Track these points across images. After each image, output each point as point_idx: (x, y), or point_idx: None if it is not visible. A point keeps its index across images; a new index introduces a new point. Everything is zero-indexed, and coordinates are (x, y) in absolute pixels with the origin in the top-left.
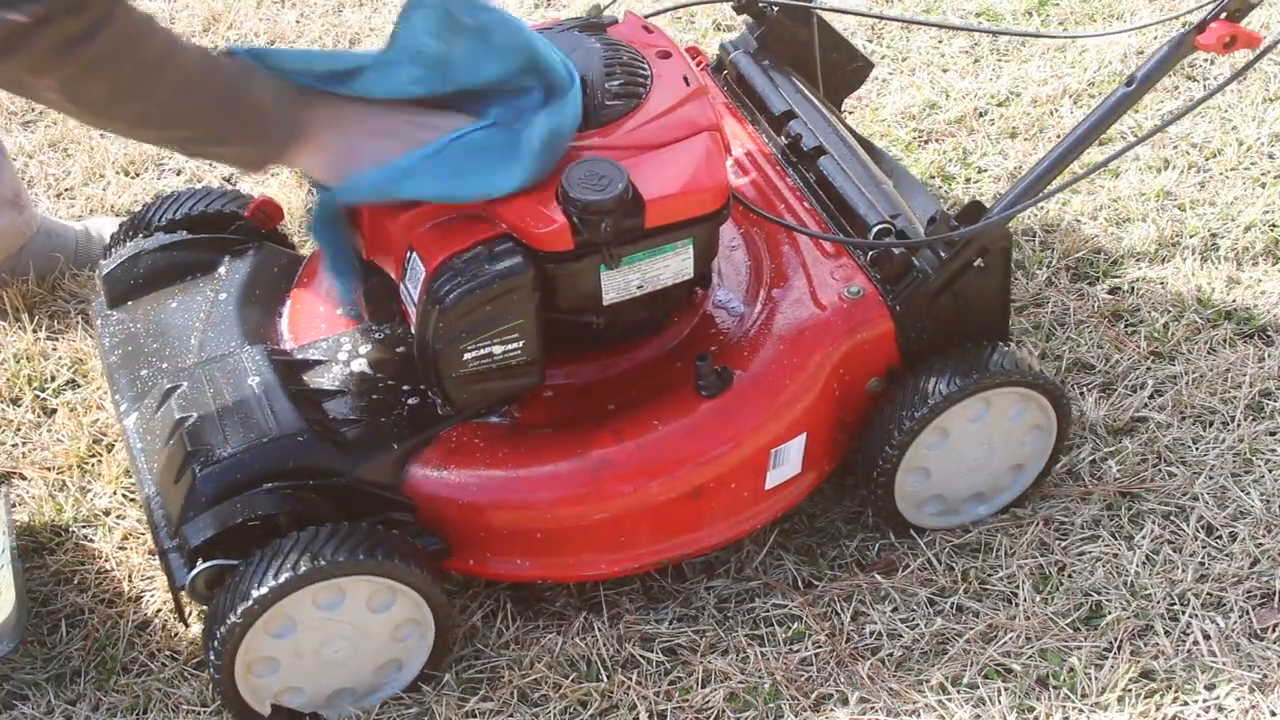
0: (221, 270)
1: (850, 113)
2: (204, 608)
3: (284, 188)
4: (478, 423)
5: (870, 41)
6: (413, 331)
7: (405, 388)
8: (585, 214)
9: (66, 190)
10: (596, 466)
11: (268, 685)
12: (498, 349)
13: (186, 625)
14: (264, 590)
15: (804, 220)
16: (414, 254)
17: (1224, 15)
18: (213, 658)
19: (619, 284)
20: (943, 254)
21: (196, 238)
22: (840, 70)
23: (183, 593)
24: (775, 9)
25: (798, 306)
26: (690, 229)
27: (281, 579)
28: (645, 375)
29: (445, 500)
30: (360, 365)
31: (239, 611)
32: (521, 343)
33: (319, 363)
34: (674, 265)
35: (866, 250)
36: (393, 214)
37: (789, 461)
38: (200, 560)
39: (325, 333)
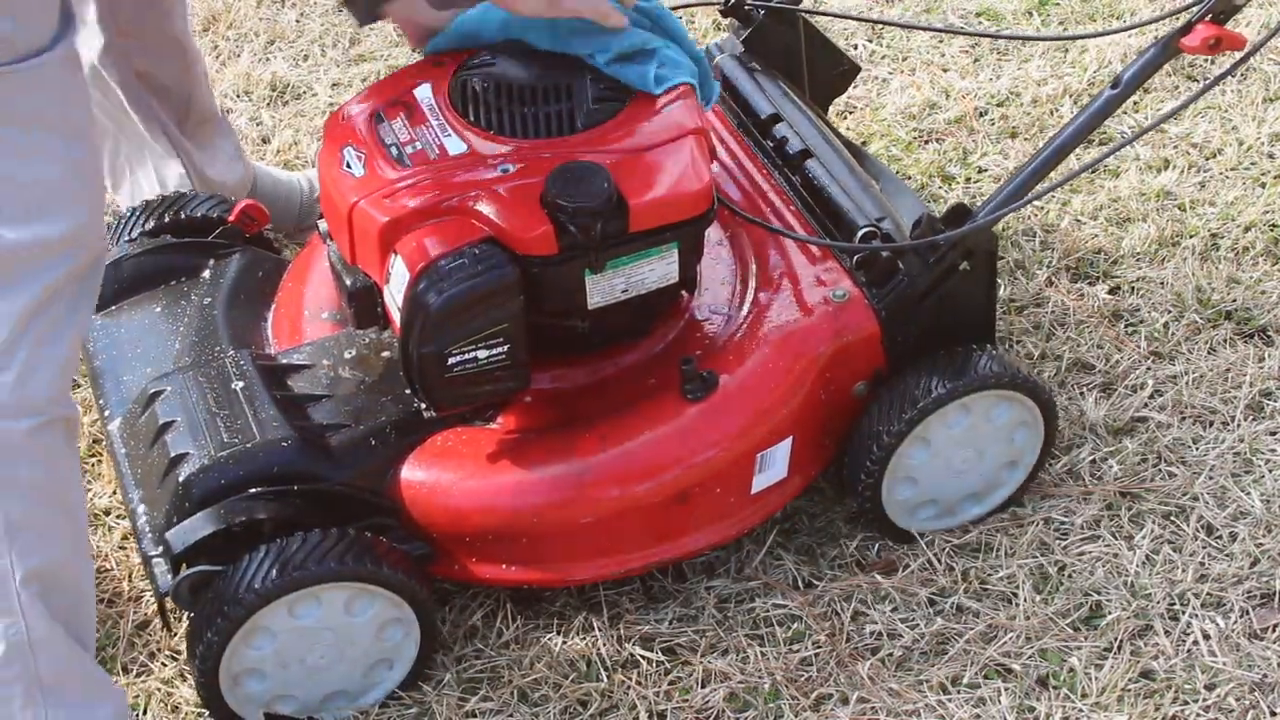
0: (206, 275)
1: (851, 112)
2: (190, 614)
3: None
4: (463, 427)
5: (870, 40)
6: (397, 336)
7: (390, 392)
8: (569, 218)
9: None
10: (582, 471)
11: (257, 695)
12: (482, 353)
13: (171, 634)
14: (235, 607)
15: (790, 224)
16: (397, 258)
17: (1209, 17)
18: (197, 675)
19: (604, 288)
20: (928, 258)
21: (181, 242)
22: (826, 74)
23: (167, 599)
24: (761, 12)
25: (783, 310)
26: (675, 233)
27: (250, 595)
28: (630, 379)
29: (430, 505)
30: (345, 370)
31: (215, 629)
32: (506, 347)
33: (304, 367)
34: (659, 269)
35: (852, 254)
36: (376, 218)
37: (775, 466)
38: (185, 566)
39: (310, 337)
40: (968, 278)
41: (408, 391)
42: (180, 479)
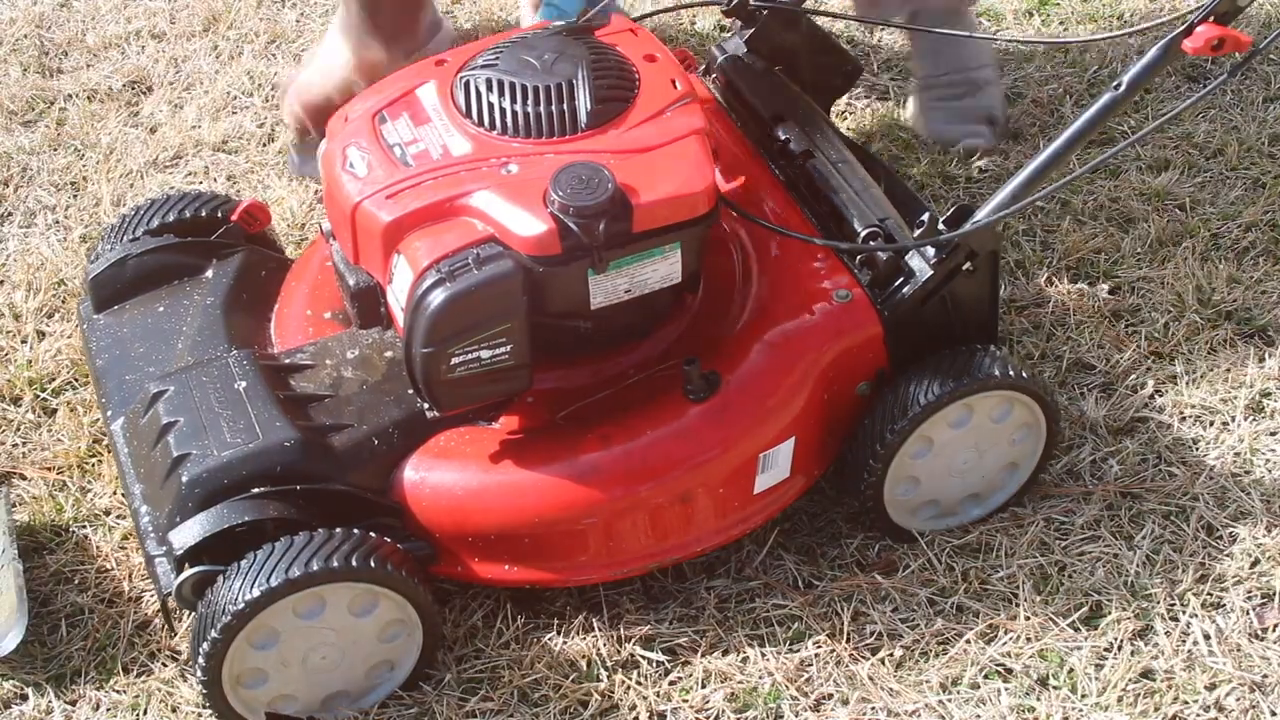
0: (209, 274)
1: (850, 113)
2: (193, 613)
3: (274, 190)
4: (465, 427)
5: (870, 39)
6: (400, 336)
7: (393, 392)
8: (572, 218)
9: (70, 184)
10: (584, 471)
11: (259, 696)
12: (485, 353)
13: (174, 633)
14: (240, 606)
15: (793, 224)
16: (400, 258)
17: (1212, 18)
18: (200, 674)
19: (606, 288)
20: (931, 258)
21: (183, 241)
22: (829, 73)
23: (170, 599)
24: (764, 12)
25: (786, 311)
26: (678, 233)
27: (255, 593)
28: (633, 380)
29: (432, 505)
30: (348, 370)
31: (218, 628)
32: (509, 347)
33: (307, 367)
34: (662, 269)
35: (855, 254)
36: (379, 218)
37: (777, 466)
38: (187, 565)
39: (313, 337)
40: (971, 278)
41: (410, 391)
42: (183, 479)
